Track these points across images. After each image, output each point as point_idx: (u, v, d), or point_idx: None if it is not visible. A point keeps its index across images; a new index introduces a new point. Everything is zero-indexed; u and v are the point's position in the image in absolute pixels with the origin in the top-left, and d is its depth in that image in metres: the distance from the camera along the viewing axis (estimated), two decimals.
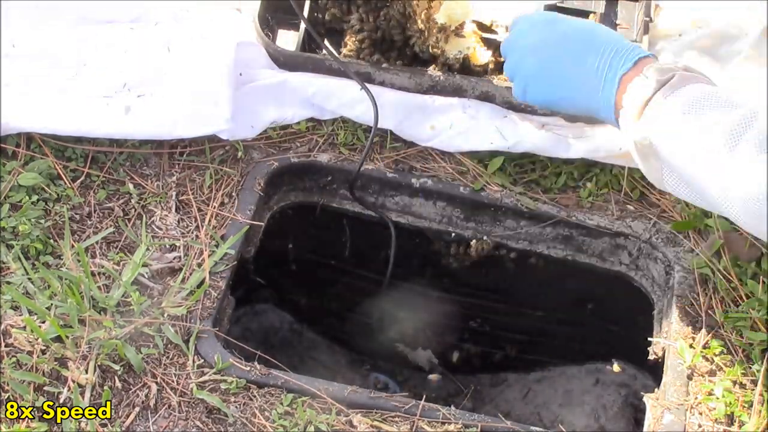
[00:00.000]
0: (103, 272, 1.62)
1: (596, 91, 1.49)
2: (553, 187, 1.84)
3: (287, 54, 1.88)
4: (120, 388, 1.51)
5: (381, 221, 1.87)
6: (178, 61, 1.82)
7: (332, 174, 1.84)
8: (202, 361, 1.56)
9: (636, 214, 1.82)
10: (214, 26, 1.87)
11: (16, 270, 1.60)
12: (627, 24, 1.98)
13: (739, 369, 1.62)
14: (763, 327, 1.66)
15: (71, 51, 1.81)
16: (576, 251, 1.85)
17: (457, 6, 1.80)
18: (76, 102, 1.75)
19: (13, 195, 1.69)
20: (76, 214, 1.70)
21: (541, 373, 2.20)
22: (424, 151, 1.86)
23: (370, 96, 1.80)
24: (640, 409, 1.98)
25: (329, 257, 2.11)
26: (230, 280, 1.66)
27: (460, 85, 1.85)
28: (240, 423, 1.51)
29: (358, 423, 1.51)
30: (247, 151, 1.82)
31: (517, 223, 1.84)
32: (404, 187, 1.84)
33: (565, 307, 2.09)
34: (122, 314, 1.58)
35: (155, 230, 1.70)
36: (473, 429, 1.54)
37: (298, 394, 1.55)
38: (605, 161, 1.84)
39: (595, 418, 2.06)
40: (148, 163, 1.79)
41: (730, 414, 1.57)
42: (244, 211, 1.74)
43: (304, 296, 2.22)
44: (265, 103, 1.84)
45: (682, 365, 1.62)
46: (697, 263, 1.74)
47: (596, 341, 2.13)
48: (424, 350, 2.15)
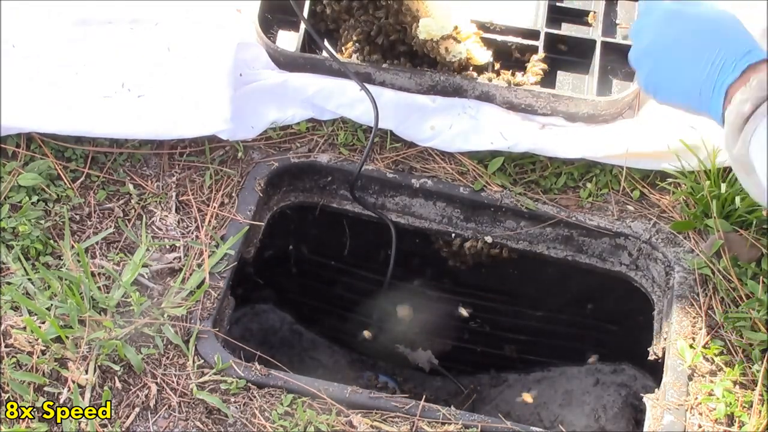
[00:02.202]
0: (103, 272, 1.62)
1: (707, 101, 1.45)
2: (553, 187, 1.84)
3: (287, 54, 1.88)
4: (120, 389, 1.51)
5: (381, 222, 1.87)
6: (178, 61, 1.82)
7: (332, 174, 1.85)
8: (202, 361, 1.56)
9: (636, 214, 1.82)
10: (214, 27, 1.87)
11: (16, 270, 1.60)
12: (627, 24, 1.98)
13: (739, 369, 1.62)
14: (763, 327, 1.66)
15: (71, 51, 1.81)
16: (576, 251, 1.85)
17: (432, 23, 1.79)
18: (76, 102, 1.75)
19: (13, 195, 1.69)
20: (76, 214, 1.70)
21: (541, 373, 2.20)
22: (424, 151, 1.86)
23: (370, 96, 1.80)
24: (640, 410, 1.98)
25: (329, 257, 2.11)
26: (230, 280, 1.66)
27: (460, 85, 1.85)
28: (240, 423, 1.51)
29: (358, 423, 1.51)
30: (247, 151, 1.82)
31: (517, 223, 1.84)
32: (404, 187, 1.84)
33: (565, 308, 2.09)
34: (122, 315, 1.58)
35: (155, 231, 1.70)
36: (473, 429, 1.54)
37: (298, 394, 1.55)
38: (605, 161, 1.84)
39: (595, 419, 2.06)
40: (148, 163, 1.79)
41: (730, 414, 1.57)
42: (244, 211, 1.74)
43: (304, 296, 2.22)
44: (265, 104, 1.84)
45: (682, 365, 1.62)
46: (698, 263, 1.74)
47: (596, 341, 2.13)
48: (424, 350, 2.15)
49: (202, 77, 1.80)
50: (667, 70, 1.48)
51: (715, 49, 1.45)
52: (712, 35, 1.46)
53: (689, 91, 1.47)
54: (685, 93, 1.47)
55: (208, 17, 1.89)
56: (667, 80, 1.48)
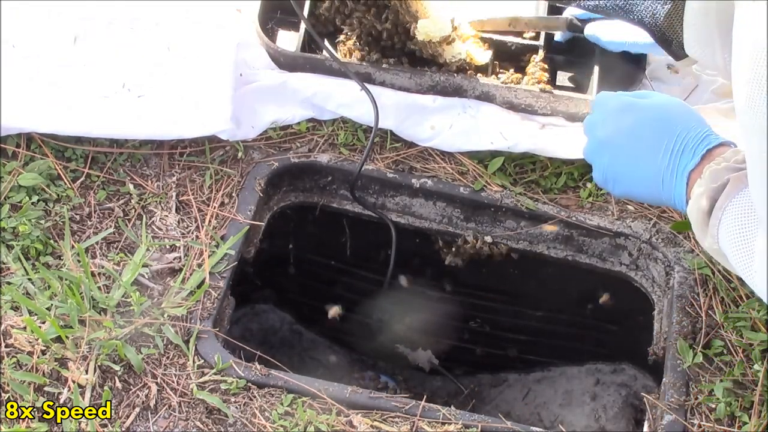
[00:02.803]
0: (104, 272, 1.62)
1: (670, 189, 1.43)
2: (553, 187, 1.84)
3: (287, 54, 1.88)
4: (120, 389, 1.51)
5: (381, 221, 1.87)
6: (178, 61, 1.82)
7: (332, 174, 1.84)
8: (203, 361, 1.56)
9: (636, 214, 1.82)
10: (214, 27, 1.87)
11: (16, 270, 1.60)
12: None
13: (739, 369, 1.62)
14: (763, 327, 1.66)
15: (71, 51, 1.81)
16: (576, 252, 1.85)
17: (431, 25, 1.79)
18: (76, 102, 1.75)
19: (13, 195, 1.69)
20: (77, 214, 1.70)
21: (542, 373, 2.20)
22: (425, 151, 1.86)
23: (370, 96, 1.80)
24: (640, 409, 1.98)
25: (329, 257, 2.11)
26: (230, 280, 1.66)
27: (460, 85, 1.85)
28: (240, 423, 1.51)
29: (358, 423, 1.51)
30: (248, 151, 1.82)
31: (517, 223, 1.84)
32: (404, 187, 1.84)
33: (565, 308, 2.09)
34: (122, 314, 1.58)
35: (155, 230, 1.70)
36: (473, 429, 1.54)
37: (298, 394, 1.55)
38: None
39: (595, 419, 2.06)
40: (148, 163, 1.79)
41: (730, 414, 1.57)
42: (244, 211, 1.74)
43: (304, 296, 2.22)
44: (265, 104, 1.84)
45: (682, 365, 1.62)
46: (698, 263, 1.74)
47: (596, 341, 2.13)
48: (424, 350, 2.14)
49: (202, 77, 1.80)
50: (626, 162, 1.47)
51: (673, 137, 1.43)
52: (669, 123, 1.45)
53: (650, 180, 1.45)
54: (646, 182, 1.46)
55: (208, 17, 1.89)
56: (626, 172, 1.47)
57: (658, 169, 1.45)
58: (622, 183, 1.49)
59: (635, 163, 1.47)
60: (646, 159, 1.45)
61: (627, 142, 1.47)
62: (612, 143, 1.49)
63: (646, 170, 1.45)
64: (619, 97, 1.53)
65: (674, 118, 1.46)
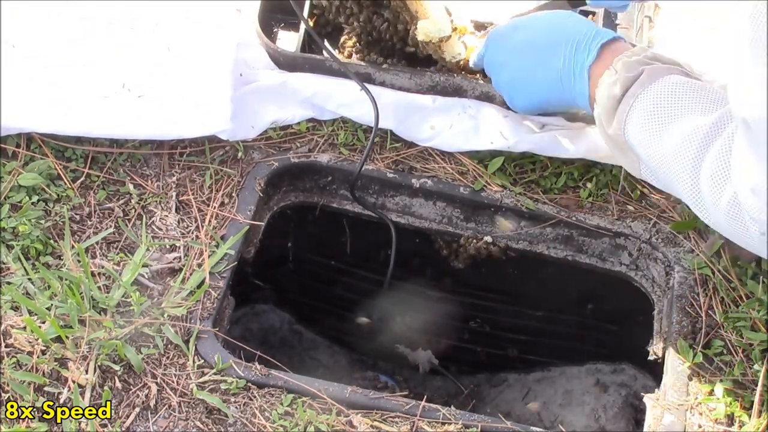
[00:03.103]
0: (103, 272, 1.62)
1: (570, 88, 1.50)
2: (553, 187, 1.84)
3: (287, 55, 1.88)
4: (120, 389, 1.52)
5: (381, 221, 1.87)
6: (178, 61, 1.82)
7: (332, 174, 1.85)
8: (202, 361, 1.56)
9: (636, 214, 1.82)
10: (214, 27, 1.87)
11: (16, 270, 1.60)
12: (627, 24, 1.98)
13: (739, 369, 1.62)
14: (763, 327, 1.66)
15: (71, 51, 1.81)
16: (576, 251, 1.85)
17: (430, 25, 1.79)
18: (76, 102, 1.75)
19: (13, 195, 1.69)
20: (76, 214, 1.70)
21: (542, 373, 2.20)
22: (424, 151, 1.86)
23: (370, 96, 1.81)
24: (640, 410, 1.98)
25: (329, 257, 2.11)
26: (230, 280, 1.66)
27: (460, 85, 1.85)
28: (240, 423, 1.51)
29: (358, 423, 1.51)
30: (247, 151, 1.82)
31: (517, 223, 1.85)
32: (404, 187, 1.84)
33: (565, 308, 2.09)
34: (122, 314, 1.58)
35: (155, 230, 1.70)
36: (473, 429, 1.54)
37: (298, 394, 1.55)
38: (605, 161, 1.83)
39: (595, 419, 2.06)
40: (148, 163, 1.79)
41: (730, 414, 1.57)
42: (244, 211, 1.74)
43: (304, 296, 2.22)
44: (265, 104, 1.84)
45: (682, 365, 1.62)
46: (698, 263, 1.74)
47: (596, 341, 2.13)
48: (424, 350, 2.15)
49: (202, 77, 1.80)
50: (525, 72, 1.58)
51: (566, 39, 1.52)
52: (560, 28, 1.54)
53: (549, 83, 1.54)
54: (546, 86, 1.55)
55: (208, 17, 1.89)
56: (526, 79, 1.57)
57: (555, 71, 1.53)
58: (524, 92, 1.59)
59: (534, 70, 1.56)
60: (543, 64, 1.54)
61: (523, 54, 1.57)
62: (509, 62, 1.59)
63: (544, 75, 1.54)
64: (505, 24, 1.65)
65: (564, 23, 1.55)
